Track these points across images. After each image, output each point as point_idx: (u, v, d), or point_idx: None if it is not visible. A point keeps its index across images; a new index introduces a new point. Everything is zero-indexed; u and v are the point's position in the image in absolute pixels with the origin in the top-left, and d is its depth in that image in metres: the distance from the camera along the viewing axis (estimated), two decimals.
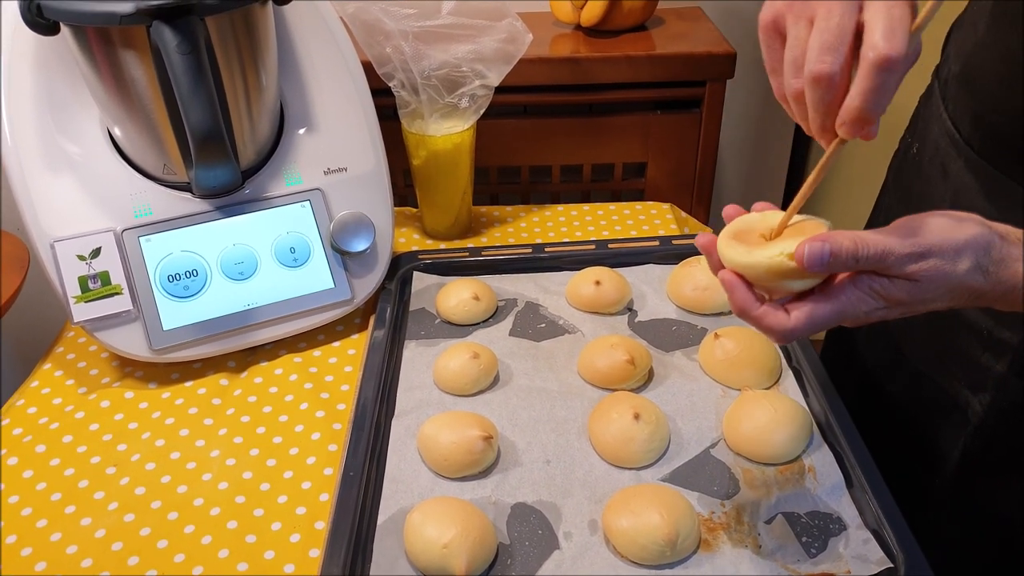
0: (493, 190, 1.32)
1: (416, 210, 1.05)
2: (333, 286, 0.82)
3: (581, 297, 0.84)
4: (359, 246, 0.82)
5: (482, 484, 0.65)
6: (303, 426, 0.74)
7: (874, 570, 0.56)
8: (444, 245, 1.00)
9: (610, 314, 0.83)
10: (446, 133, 0.93)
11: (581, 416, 0.71)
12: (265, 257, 0.80)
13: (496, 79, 0.91)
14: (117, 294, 0.75)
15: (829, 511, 0.61)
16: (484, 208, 1.08)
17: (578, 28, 1.30)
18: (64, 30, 0.68)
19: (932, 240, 0.47)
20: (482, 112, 0.93)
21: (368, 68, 0.87)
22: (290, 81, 0.83)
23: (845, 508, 0.61)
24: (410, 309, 0.85)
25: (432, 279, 0.89)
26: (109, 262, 0.75)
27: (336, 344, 0.84)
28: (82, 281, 0.74)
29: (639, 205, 1.07)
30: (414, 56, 0.88)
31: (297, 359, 0.81)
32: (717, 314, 0.83)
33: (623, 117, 1.24)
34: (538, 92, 1.21)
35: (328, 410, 0.75)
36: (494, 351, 0.77)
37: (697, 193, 1.31)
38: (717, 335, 0.75)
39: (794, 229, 0.50)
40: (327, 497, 0.67)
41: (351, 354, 0.83)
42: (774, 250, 0.48)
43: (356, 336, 0.85)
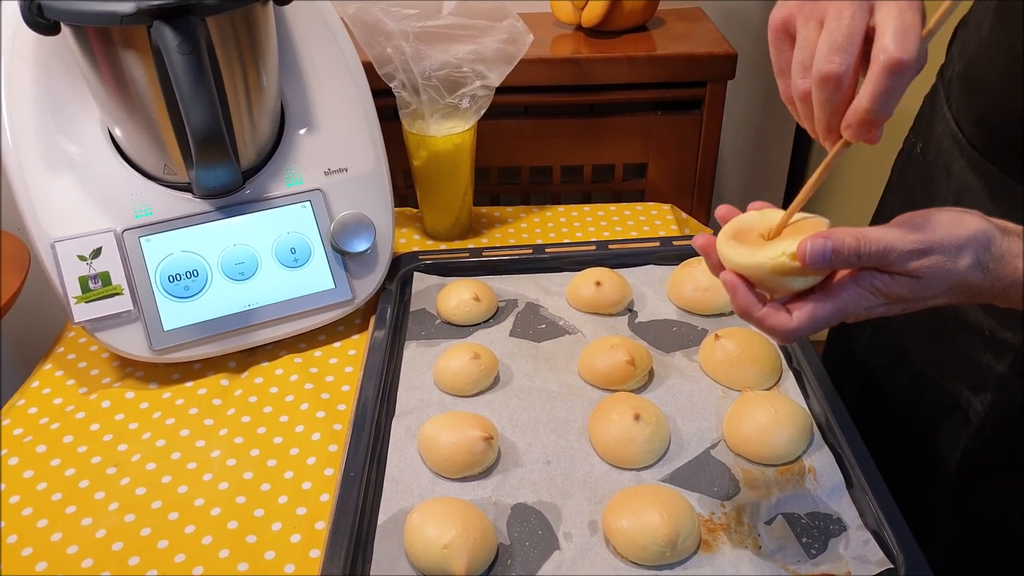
0: (494, 191, 1.32)
1: (417, 210, 1.05)
2: (334, 286, 0.82)
3: (581, 298, 0.84)
4: (360, 246, 0.82)
5: (482, 485, 0.65)
6: (303, 426, 0.74)
7: (874, 571, 0.56)
8: (445, 246, 1.00)
9: (610, 315, 0.83)
10: (447, 133, 0.93)
11: (581, 417, 0.71)
12: (266, 257, 0.80)
13: (497, 80, 0.91)
14: (118, 294, 0.75)
15: (829, 512, 0.61)
16: (484, 209, 1.08)
17: (579, 29, 1.30)
18: (65, 30, 0.68)
19: (934, 236, 0.47)
20: (483, 113, 0.93)
21: (369, 68, 0.87)
22: (291, 81, 0.83)
23: (845, 509, 0.61)
24: (410, 309, 0.85)
25: (432, 279, 0.89)
26: (110, 262, 0.75)
27: (337, 344, 0.84)
28: (83, 281, 0.74)
29: (640, 206, 1.07)
30: (415, 56, 0.88)
31: (297, 359, 0.82)
32: (717, 315, 0.82)
33: (624, 118, 1.24)
34: (539, 93, 1.21)
35: (328, 410, 0.75)
36: (494, 352, 0.77)
37: (698, 194, 1.31)
38: (717, 336, 0.75)
39: (794, 228, 0.50)
40: (327, 497, 0.67)
41: (351, 355, 0.83)
42: (776, 250, 0.48)
43: (356, 337, 0.85)
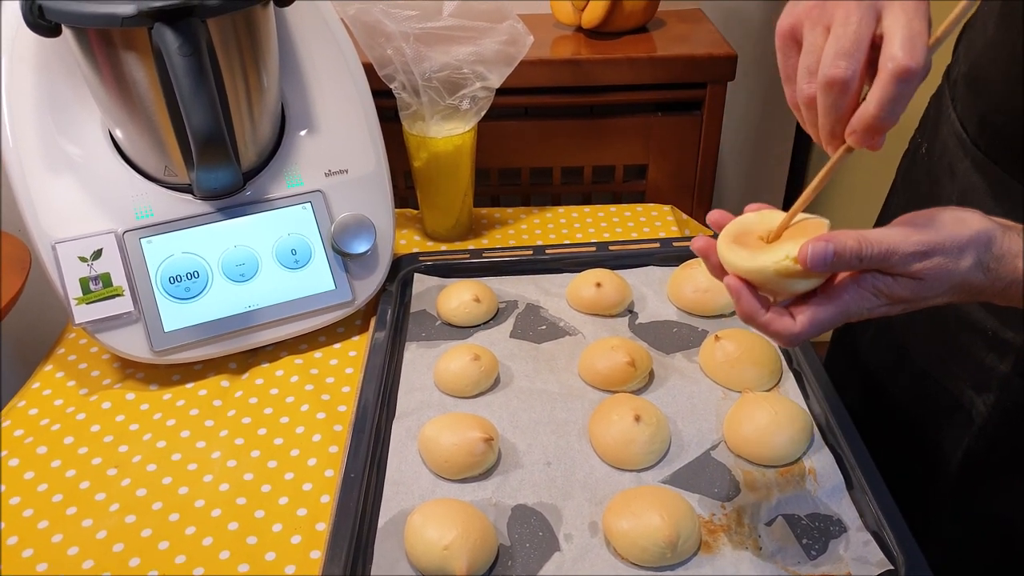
0: (494, 192, 1.32)
1: (417, 212, 1.05)
2: (334, 288, 0.82)
3: (582, 299, 0.84)
4: (360, 248, 0.82)
5: (483, 486, 0.65)
6: (304, 428, 0.74)
7: (874, 571, 0.56)
8: (445, 247, 1.00)
9: (611, 316, 0.83)
10: (447, 135, 0.93)
11: (582, 418, 0.71)
12: (266, 259, 0.80)
13: (497, 81, 0.91)
14: (118, 295, 0.75)
15: (829, 513, 0.61)
16: (485, 210, 1.08)
17: (579, 30, 1.30)
18: (65, 32, 0.68)
19: (936, 238, 0.47)
20: (483, 114, 0.93)
21: (369, 70, 0.87)
22: (291, 83, 0.83)
23: (845, 510, 0.61)
24: (411, 311, 0.85)
25: (433, 281, 0.89)
26: (110, 263, 0.75)
27: (337, 346, 0.84)
28: (83, 282, 0.74)
29: (640, 207, 1.07)
30: (415, 58, 0.88)
31: (298, 361, 0.82)
32: (718, 316, 0.83)
33: (624, 119, 1.24)
34: (539, 94, 1.22)
35: (329, 412, 0.75)
36: (495, 353, 0.77)
37: (698, 195, 1.31)
38: (718, 337, 0.75)
39: (795, 229, 0.50)
40: (328, 499, 0.67)
41: (352, 356, 0.83)
42: (779, 254, 0.48)
43: (357, 338, 0.85)
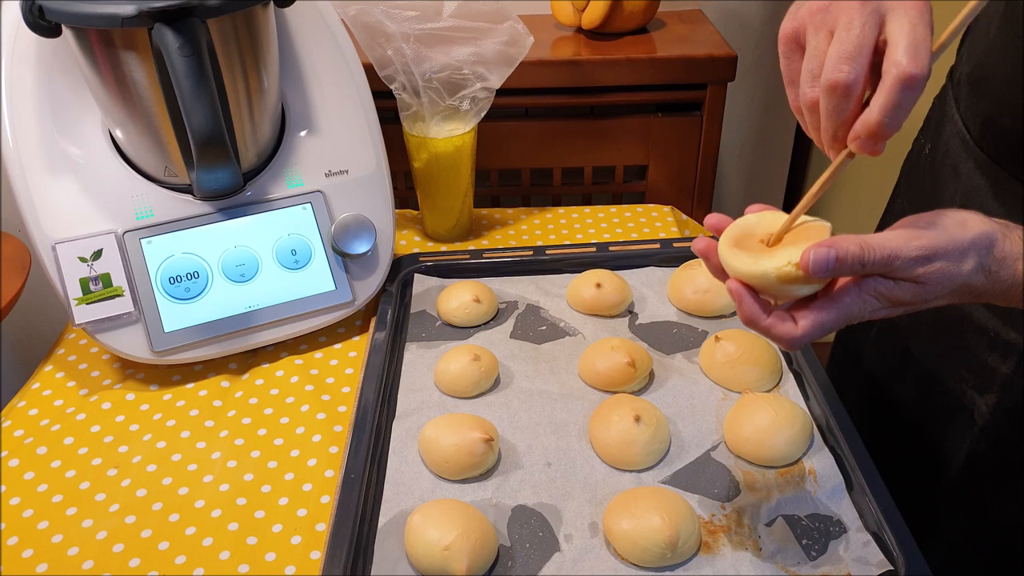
0: (494, 192, 1.32)
1: (417, 212, 1.05)
2: (334, 288, 0.82)
3: (582, 299, 0.84)
4: (360, 248, 0.82)
5: (483, 486, 0.65)
6: (304, 428, 0.74)
7: (874, 572, 0.56)
8: (445, 247, 1.00)
9: (611, 316, 0.83)
10: (447, 135, 0.93)
11: (582, 418, 0.71)
12: (266, 259, 0.80)
13: (497, 81, 0.91)
14: (118, 296, 0.75)
15: (829, 514, 0.61)
16: (485, 210, 1.08)
17: (579, 31, 1.30)
18: (66, 32, 0.68)
19: (938, 242, 0.47)
20: (483, 114, 0.93)
21: (369, 70, 0.87)
22: (291, 83, 0.83)
23: (845, 511, 0.61)
24: (411, 311, 0.85)
25: (433, 281, 0.89)
26: (110, 264, 0.75)
27: (337, 346, 0.84)
28: (83, 283, 0.74)
29: (640, 208, 1.07)
30: (415, 58, 0.88)
31: (298, 361, 0.82)
32: (718, 317, 0.83)
33: (624, 120, 1.25)
34: (539, 95, 1.22)
35: (329, 412, 0.75)
36: (495, 353, 0.77)
37: (698, 196, 1.31)
38: (718, 338, 0.75)
39: (797, 233, 0.50)
40: (328, 499, 0.67)
41: (352, 356, 0.83)
42: (781, 259, 0.47)
43: (357, 338, 0.85)
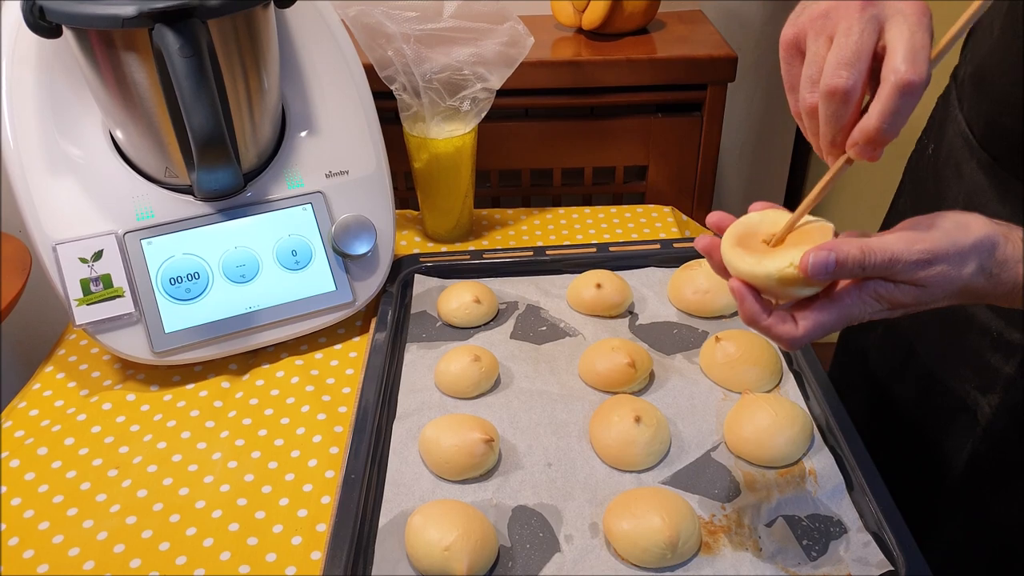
0: (494, 193, 1.33)
1: (417, 213, 1.05)
2: (335, 289, 0.82)
3: (582, 300, 0.84)
4: (360, 249, 0.82)
5: (483, 487, 0.65)
6: (304, 428, 0.74)
7: (874, 572, 0.56)
8: (445, 248, 1.01)
9: (611, 317, 0.83)
10: (447, 136, 0.93)
11: (582, 419, 0.71)
12: (267, 260, 0.80)
13: (498, 82, 0.91)
14: (119, 297, 0.75)
15: (830, 514, 0.61)
16: (485, 211, 1.08)
17: (579, 31, 1.30)
18: (66, 33, 0.68)
19: (939, 246, 0.47)
20: (483, 115, 0.93)
21: (370, 71, 0.87)
22: (292, 84, 0.83)
23: (845, 511, 0.61)
24: (411, 312, 0.85)
25: (433, 282, 0.89)
26: (111, 265, 0.75)
27: (337, 347, 0.84)
28: (84, 284, 0.74)
29: (640, 208, 1.07)
30: (416, 59, 0.88)
31: (298, 362, 0.82)
32: (718, 317, 0.83)
33: (624, 120, 1.25)
34: (539, 95, 1.22)
35: (329, 413, 0.75)
36: (495, 354, 0.77)
37: (698, 196, 1.32)
38: (718, 338, 0.75)
39: (800, 233, 0.50)
40: (328, 500, 0.67)
41: (352, 357, 0.83)
42: (782, 261, 0.48)
43: (357, 339, 0.85)
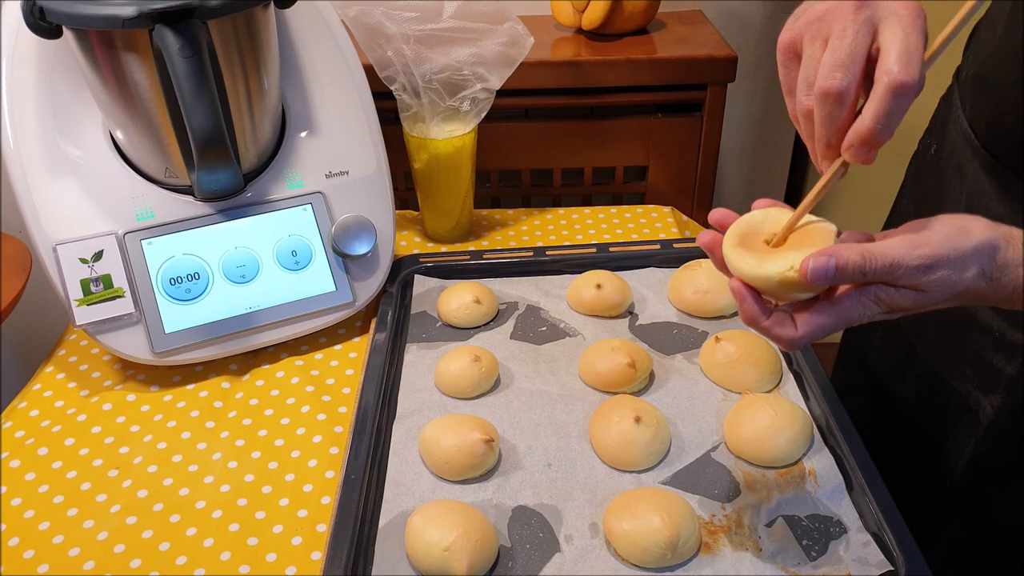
0: (494, 193, 1.33)
1: (417, 213, 1.05)
2: (335, 289, 0.82)
3: (582, 300, 0.84)
4: (360, 249, 0.82)
5: (483, 487, 0.65)
6: (305, 429, 0.74)
7: (874, 572, 0.56)
8: (445, 248, 1.01)
9: (611, 317, 0.84)
10: (447, 136, 0.93)
11: (582, 419, 0.71)
12: (267, 260, 0.80)
13: (497, 82, 0.91)
14: (119, 297, 0.75)
15: (829, 514, 0.61)
16: (485, 211, 1.08)
17: (579, 31, 1.30)
18: (66, 33, 0.69)
19: (940, 251, 0.47)
20: (483, 115, 0.93)
21: (370, 71, 0.87)
22: (292, 84, 0.83)
23: (845, 511, 0.61)
24: (411, 312, 0.85)
25: (433, 282, 0.89)
26: (111, 265, 0.75)
27: (337, 347, 0.84)
28: (84, 284, 0.74)
29: (640, 208, 1.07)
30: (415, 59, 0.88)
31: (299, 362, 0.82)
32: (718, 317, 0.83)
33: (624, 120, 1.25)
34: (539, 95, 1.22)
35: (330, 413, 0.75)
36: (495, 354, 0.77)
37: (698, 196, 1.32)
38: (718, 338, 0.75)
39: (802, 234, 0.50)
40: (329, 500, 0.67)
41: (352, 357, 0.83)
42: (783, 264, 0.48)
43: (357, 339, 0.85)
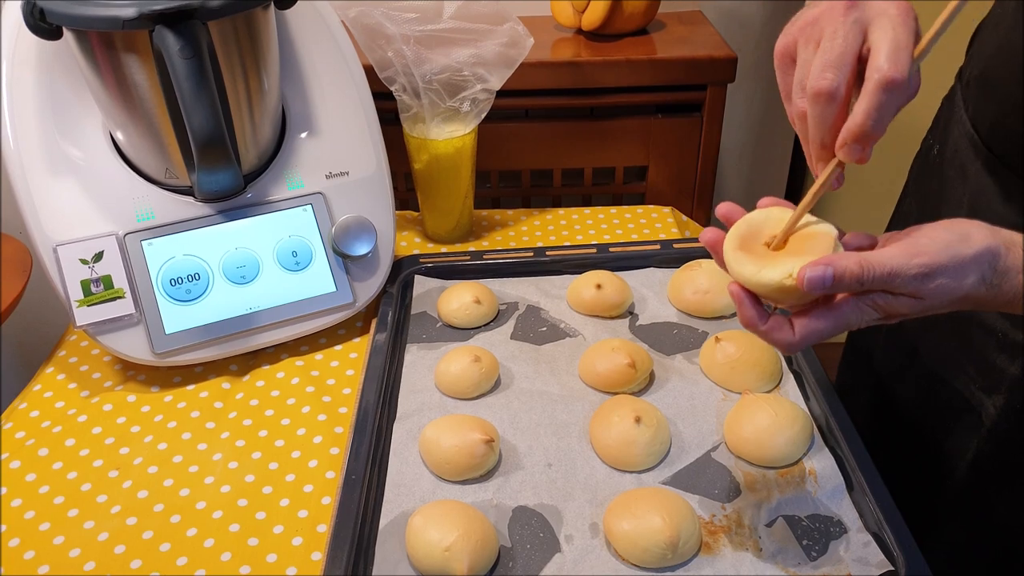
0: (494, 193, 1.32)
1: (417, 214, 1.05)
2: (335, 290, 0.82)
3: (582, 300, 0.84)
4: (361, 250, 0.82)
5: (483, 487, 0.65)
6: (305, 429, 0.74)
7: (874, 572, 0.56)
8: (445, 249, 1.01)
9: (611, 317, 0.84)
10: (448, 137, 0.93)
11: (582, 419, 0.71)
12: (267, 261, 0.80)
13: (497, 83, 0.91)
14: (119, 298, 0.75)
15: (830, 514, 0.61)
16: (485, 212, 1.08)
17: (579, 32, 1.30)
18: (66, 34, 0.69)
19: (939, 259, 0.47)
20: (483, 116, 0.93)
21: (370, 72, 0.87)
22: (292, 85, 0.84)
23: (846, 511, 0.61)
24: (411, 312, 0.85)
25: (434, 283, 0.89)
26: (111, 266, 0.75)
27: (338, 348, 0.84)
28: (84, 285, 0.74)
29: (640, 209, 1.07)
30: (416, 60, 0.88)
31: (299, 362, 0.82)
32: (718, 318, 0.83)
33: (624, 121, 1.25)
34: (539, 96, 1.22)
35: (330, 413, 0.75)
36: (495, 354, 0.77)
37: (698, 197, 1.32)
38: (718, 339, 0.75)
39: (802, 237, 0.51)
40: (329, 500, 0.67)
41: (353, 357, 0.83)
42: (781, 271, 0.48)
43: (358, 340, 0.85)
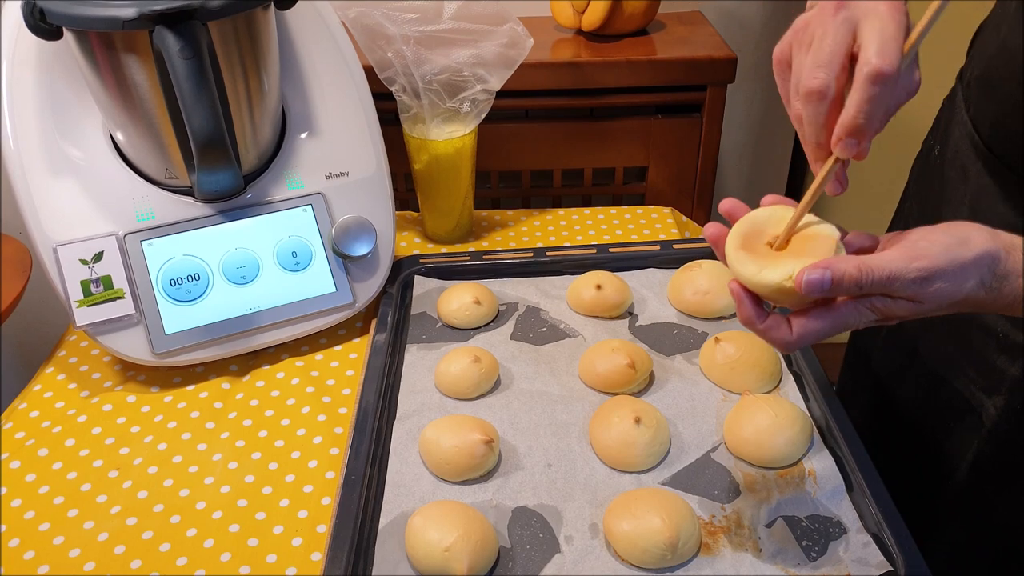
0: (494, 194, 1.33)
1: (417, 214, 1.06)
2: (335, 290, 0.82)
3: (582, 301, 0.84)
4: (361, 250, 0.82)
5: (483, 488, 0.65)
6: (305, 430, 0.74)
7: (874, 572, 0.56)
8: (445, 249, 1.01)
9: (611, 318, 0.84)
10: (447, 137, 0.93)
11: (582, 420, 0.71)
12: (267, 261, 0.80)
13: (497, 83, 0.92)
14: (119, 298, 0.75)
15: (829, 515, 0.61)
16: (485, 212, 1.08)
17: (579, 32, 1.30)
18: (67, 34, 0.69)
19: (938, 264, 0.47)
20: (483, 116, 0.93)
21: (370, 72, 0.87)
22: (292, 85, 0.84)
23: (845, 512, 0.61)
24: (411, 313, 0.85)
25: (433, 283, 0.89)
26: (111, 266, 0.75)
27: (338, 348, 0.84)
28: (84, 285, 0.74)
29: (640, 209, 1.07)
30: (415, 61, 0.88)
31: (299, 363, 0.82)
32: (717, 318, 0.83)
33: (624, 121, 1.25)
34: (539, 96, 1.22)
35: (330, 414, 0.75)
36: (495, 355, 0.77)
37: (698, 197, 1.32)
38: (718, 339, 0.75)
39: (804, 238, 0.51)
40: (329, 500, 0.67)
41: (353, 358, 0.83)
42: (782, 273, 0.49)
43: (358, 340, 0.85)
